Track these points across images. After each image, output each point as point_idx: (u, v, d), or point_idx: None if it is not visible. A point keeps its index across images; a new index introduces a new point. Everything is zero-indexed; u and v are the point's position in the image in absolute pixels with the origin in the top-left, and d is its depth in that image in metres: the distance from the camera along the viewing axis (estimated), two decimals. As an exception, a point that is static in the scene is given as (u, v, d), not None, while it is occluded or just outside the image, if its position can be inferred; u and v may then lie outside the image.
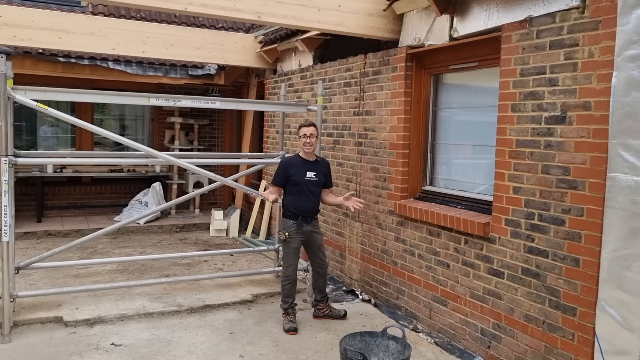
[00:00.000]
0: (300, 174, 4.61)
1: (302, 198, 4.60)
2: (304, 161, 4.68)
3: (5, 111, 4.04)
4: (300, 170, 4.62)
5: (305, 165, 4.66)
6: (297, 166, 4.64)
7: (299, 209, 4.61)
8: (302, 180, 4.60)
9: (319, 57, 6.64)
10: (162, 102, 4.77)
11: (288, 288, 4.63)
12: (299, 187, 4.60)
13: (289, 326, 4.49)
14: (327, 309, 4.85)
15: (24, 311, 4.58)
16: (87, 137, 9.09)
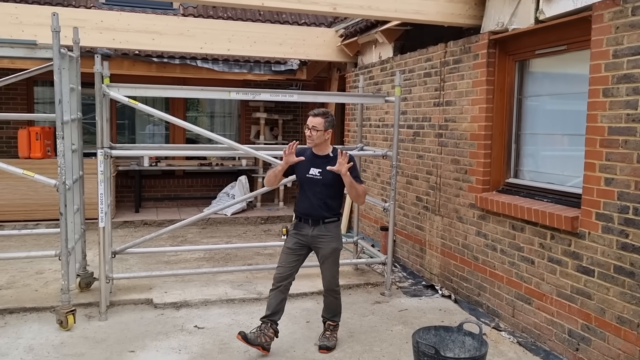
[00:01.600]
0: (303, 169, 3.92)
1: (302, 197, 3.96)
2: (312, 155, 3.96)
3: (101, 107, 4.38)
4: (305, 165, 3.91)
5: (312, 160, 3.93)
6: (304, 159, 3.91)
7: (298, 208, 4.00)
8: (303, 176, 3.93)
9: (399, 49, 6.53)
10: (242, 96, 4.94)
11: (269, 295, 3.94)
12: (300, 184, 3.99)
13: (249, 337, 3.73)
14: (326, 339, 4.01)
15: (119, 292, 4.94)
16: (179, 133, 9.62)
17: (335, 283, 4.01)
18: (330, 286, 4.00)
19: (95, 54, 6.72)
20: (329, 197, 3.92)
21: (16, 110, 8.63)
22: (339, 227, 4.04)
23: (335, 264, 3.98)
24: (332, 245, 3.93)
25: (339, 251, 4.01)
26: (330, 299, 4.05)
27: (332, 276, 3.98)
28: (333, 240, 3.93)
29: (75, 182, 4.69)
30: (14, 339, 4.01)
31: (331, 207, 3.94)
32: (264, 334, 3.80)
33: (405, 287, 5.43)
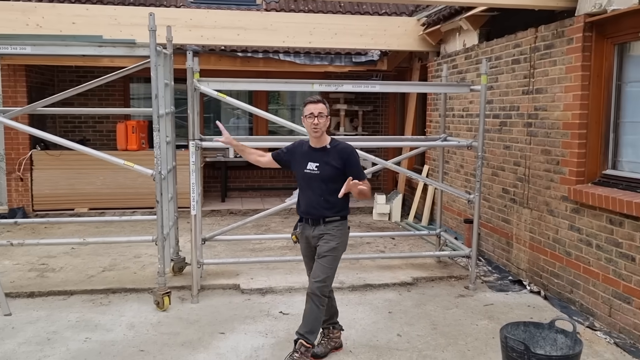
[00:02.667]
0: (301, 164, 3.58)
1: (301, 195, 3.65)
2: (309, 149, 3.60)
3: (193, 101, 4.61)
4: (302, 159, 3.58)
5: (309, 154, 3.58)
6: (300, 153, 3.63)
7: (299, 207, 3.69)
8: (301, 172, 3.58)
9: (484, 35, 6.31)
10: (325, 88, 4.99)
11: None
12: (299, 182, 3.66)
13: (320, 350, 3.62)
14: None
15: (209, 277, 5.20)
16: (262, 126, 9.91)
17: (317, 286, 3.44)
18: (312, 287, 3.47)
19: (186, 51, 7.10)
20: (329, 193, 3.49)
21: (114, 106, 9.25)
22: (344, 228, 3.62)
23: (330, 264, 3.50)
24: (331, 244, 3.50)
25: (338, 252, 3.56)
26: (309, 304, 3.48)
27: (317, 276, 3.47)
28: (333, 239, 3.52)
29: (169, 172, 4.98)
30: (117, 316, 4.35)
31: (333, 204, 3.51)
32: (330, 339, 3.73)
33: (491, 282, 5.28)
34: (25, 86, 7.87)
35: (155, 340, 3.92)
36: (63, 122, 9.18)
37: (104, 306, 4.58)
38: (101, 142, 9.25)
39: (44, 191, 8.00)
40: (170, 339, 3.95)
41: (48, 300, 4.70)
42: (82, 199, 8.05)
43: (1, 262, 5.66)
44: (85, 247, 6.21)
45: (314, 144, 3.59)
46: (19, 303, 4.60)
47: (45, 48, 4.41)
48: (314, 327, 3.50)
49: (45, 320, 4.24)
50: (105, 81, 4.86)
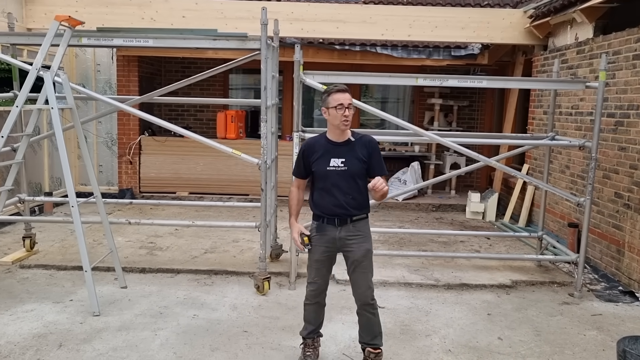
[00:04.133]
0: (323, 162, 3.23)
1: (323, 194, 3.27)
2: (330, 144, 3.26)
3: (299, 93, 4.71)
4: (324, 156, 3.23)
5: (331, 149, 3.24)
6: (319, 151, 3.26)
7: (321, 206, 3.29)
8: (323, 170, 3.22)
9: (600, 29, 5.92)
10: (429, 82, 4.92)
11: (307, 310, 3.48)
12: (321, 180, 3.26)
13: None
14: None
15: (304, 265, 5.28)
16: (354, 118, 9.84)
17: (370, 295, 3.32)
18: (365, 299, 3.33)
19: (290, 44, 7.28)
20: (357, 191, 3.23)
21: (214, 95, 9.69)
22: (369, 226, 3.40)
23: (370, 270, 3.34)
24: (365, 247, 3.31)
25: (372, 254, 3.38)
26: (366, 316, 3.37)
27: (367, 286, 3.32)
28: (365, 240, 3.31)
29: (272, 161, 5.14)
30: (220, 297, 4.58)
31: (360, 202, 3.26)
32: (315, 348, 3.54)
33: (598, 291, 4.98)
34: (138, 76, 8.43)
35: (257, 322, 4.09)
36: (167, 110, 9.75)
37: (208, 286, 4.84)
38: (201, 130, 9.71)
39: (150, 174, 8.55)
40: (271, 322, 4.10)
41: (158, 277, 5.03)
42: (183, 183, 8.53)
43: (115, 239, 6.09)
44: (187, 229, 6.57)
45: (336, 137, 3.26)
46: (133, 277, 4.97)
47: (166, 41, 4.69)
48: (377, 332, 3.41)
49: (157, 295, 4.55)
50: (216, 72, 5.13)
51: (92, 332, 3.80)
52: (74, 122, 4.52)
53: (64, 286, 4.71)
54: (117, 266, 4.69)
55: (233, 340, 3.77)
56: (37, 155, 7.53)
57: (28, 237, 5.50)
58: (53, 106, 4.14)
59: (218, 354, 3.56)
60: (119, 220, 5.28)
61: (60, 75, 4.41)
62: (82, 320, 4.00)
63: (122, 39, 4.70)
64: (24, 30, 7.06)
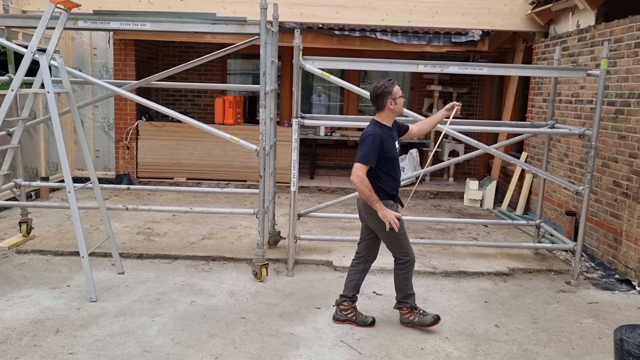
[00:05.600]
0: (393, 147, 3.68)
1: (391, 176, 3.70)
2: (388, 129, 3.69)
3: (298, 79, 4.66)
4: (390, 141, 3.65)
5: (391, 134, 3.70)
6: (387, 138, 3.62)
7: (393, 186, 3.72)
8: (394, 153, 3.69)
9: (602, 16, 5.86)
10: (430, 69, 4.87)
11: (412, 275, 3.84)
12: (390, 163, 3.66)
13: (432, 316, 3.80)
14: (351, 312, 3.89)
15: (302, 252, 5.33)
16: (353, 104, 9.89)
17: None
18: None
19: (290, 29, 7.20)
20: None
21: (212, 81, 9.60)
22: None
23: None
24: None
25: None
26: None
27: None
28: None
29: (271, 147, 5.11)
30: (218, 283, 4.57)
31: None
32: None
33: (594, 279, 5.00)
34: (134, 60, 8.34)
35: (254, 309, 4.09)
36: (165, 95, 9.67)
37: (206, 272, 4.83)
38: (199, 115, 9.64)
39: (148, 160, 8.51)
40: (268, 309, 4.10)
41: (155, 263, 5.02)
42: (180, 169, 8.49)
43: (112, 224, 6.05)
44: (185, 215, 6.56)
45: (389, 122, 3.72)
46: (130, 263, 4.96)
47: (164, 25, 4.62)
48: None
49: (154, 281, 4.55)
50: (215, 57, 5.06)
51: (89, 318, 3.80)
52: (70, 107, 4.47)
53: (60, 272, 4.70)
54: (115, 252, 4.68)
55: (231, 326, 3.77)
56: (33, 140, 7.47)
57: (24, 222, 5.47)
58: (49, 90, 4.08)
59: (216, 340, 3.56)
60: (116, 206, 5.26)
61: (56, 59, 4.35)
62: (79, 306, 4.00)
63: (119, 23, 4.62)
64: (19, 12, 6.97)
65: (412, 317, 3.82)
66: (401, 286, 3.83)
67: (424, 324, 3.79)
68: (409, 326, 3.83)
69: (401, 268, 3.78)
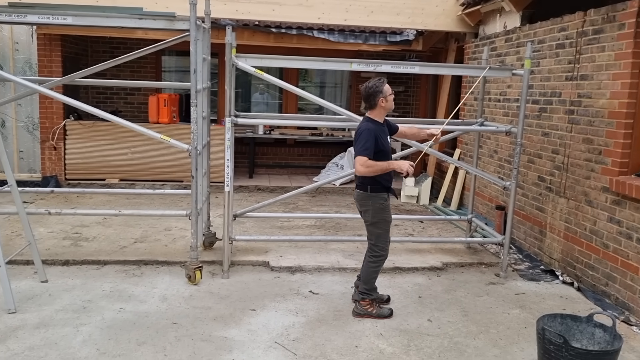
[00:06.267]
0: (386, 141, 3.93)
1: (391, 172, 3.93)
2: (380, 125, 3.93)
3: (230, 77, 4.57)
4: (383, 136, 3.89)
5: (383, 130, 3.96)
6: (379, 132, 3.87)
7: (388, 180, 3.95)
8: (387, 147, 3.93)
9: (527, 18, 6.11)
10: (364, 67, 4.91)
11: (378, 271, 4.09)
12: (384, 156, 3.86)
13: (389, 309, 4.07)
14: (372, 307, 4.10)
15: (238, 253, 5.24)
16: (292, 103, 9.85)
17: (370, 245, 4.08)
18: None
19: (220, 25, 7.05)
20: None
21: (146, 78, 9.29)
22: None
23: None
24: None
25: None
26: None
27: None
28: None
29: (204, 147, 4.99)
30: (150, 288, 4.42)
31: None
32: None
33: (522, 270, 5.21)
34: (61, 56, 7.92)
35: (187, 313, 3.97)
36: (95, 93, 9.27)
37: (137, 277, 4.66)
38: (132, 114, 9.31)
39: (77, 161, 8.12)
40: (202, 313, 4.00)
41: (82, 269, 4.79)
42: (113, 169, 8.15)
43: (36, 230, 5.77)
44: (116, 217, 6.30)
45: (381, 119, 3.95)
46: (55, 270, 4.70)
47: (86, 19, 4.39)
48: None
49: (81, 289, 4.33)
50: (144, 53, 4.87)
51: (7, 331, 3.56)
52: (-16, 105, 4.18)
53: (-23, 282, 4.39)
54: (37, 259, 4.42)
55: (161, 333, 3.64)
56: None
57: (-64, 229, 5.08)
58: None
59: (145, 349, 3.43)
60: (38, 211, 4.98)
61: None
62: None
63: (38, 16, 4.35)
64: None
65: (371, 309, 4.02)
66: (368, 278, 4.04)
67: (382, 316, 4.01)
68: (364, 317, 4.00)
69: (373, 260, 4.00)
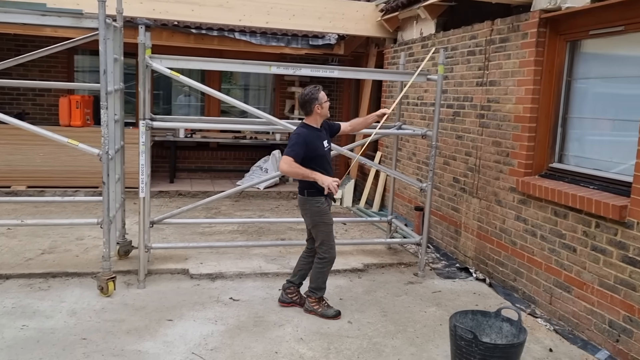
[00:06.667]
0: (318, 145, 4.03)
1: (327, 172, 4.03)
2: (316, 130, 4.09)
3: (144, 78, 4.40)
4: (318, 141, 4.04)
5: (319, 135, 4.09)
6: (313, 137, 4.02)
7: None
8: (322, 151, 4.05)
9: (441, 25, 6.36)
10: (282, 71, 4.89)
11: (328, 272, 4.20)
12: (317, 160, 3.98)
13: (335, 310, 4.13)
14: (296, 295, 4.31)
15: (156, 261, 5.05)
16: (214, 105, 9.66)
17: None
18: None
19: (136, 24, 6.78)
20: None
21: (57, 78, 8.78)
22: None
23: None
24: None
25: None
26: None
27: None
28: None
29: (117, 151, 4.76)
30: (57, 302, 4.15)
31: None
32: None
33: (439, 269, 5.39)
34: (-42, 53, 7.31)
35: (98, 327, 3.77)
36: (0, 94, 8.63)
37: (43, 291, 4.36)
38: (42, 116, 8.77)
39: (-22, 167, 7.51)
40: (114, 326, 3.80)
41: (-19, 285, 4.42)
42: (19, 176, 7.62)
43: None
44: (22, 228, 5.88)
45: (317, 124, 4.10)
46: (-51, 287, 4.31)
47: (-19, 14, 4.07)
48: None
49: (-22, 306, 4.00)
50: (47, 52, 4.59)
51: None
52: None
53: None
54: None
55: (69, 350, 3.43)
56: None
57: None
58: None
59: (49, 368, 3.21)
60: None
61: None
62: None
63: None
64: None
65: (317, 307, 4.13)
66: (315, 278, 4.15)
67: (326, 315, 4.09)
68: (311, 314, 4.13)
69: (319, 262, 4.13)
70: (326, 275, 4.18)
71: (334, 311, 4.13)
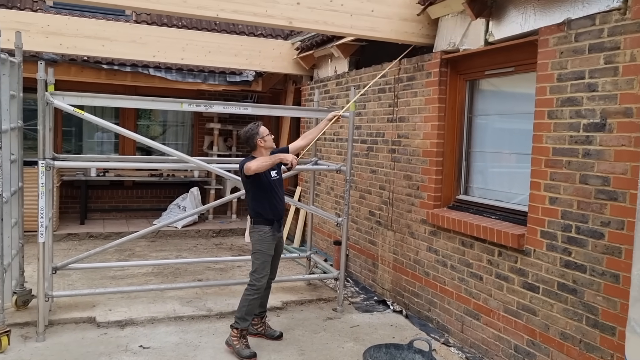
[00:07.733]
0: (266, 174, 4.18)
1: (272, 201, 4.20)
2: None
3: (44, 116, 4.18)
4: (266, 172, 4.17)
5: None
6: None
7: (269, 212, 4.20)
8: (269, 179, 4.21)
9: (354, 64, 6.59)
10: (195, 108, 4.84)
11: (253, 305, 4.17)
12: (265, 188, 4.18)
13: (250, 352, 4.05)
14: (261, 326, 4.44)
15: (60, 310, 4.70)
16: (129, 142, 9.34)
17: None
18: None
19: (39, 60, 6.48)
20: (283, 195, 4.43)
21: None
22: None
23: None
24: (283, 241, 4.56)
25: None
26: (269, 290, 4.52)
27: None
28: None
29: (13, 194, 4.45)
30: (-60, 363, 3.74)
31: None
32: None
33: (357, 303, 5.42)
34: None
35: (-13, 388, 3.43)
36: None
37: None
38: None
39: None
40: (6, 385, 3.47)
41: None
42: None
43: None
44: None
45: (266, 155, 4.23)
46: None
47: None
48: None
49: None
50: None
51: None
52: None
53: None
54: None
55: (-52, 417, 3.08)
56: None
57: None
58: None
59: None
60: None
61: None
62: None
63: None
64: None
65: (236, 343, 4.09)
66: (241, 306, 4.16)
67: (241, 355, 4.03)
68: (230, 348, 4.11)
69: (248, 289, 4.19)
70: (253, 305, 4.17)
71: (249, 352, 4.03)
